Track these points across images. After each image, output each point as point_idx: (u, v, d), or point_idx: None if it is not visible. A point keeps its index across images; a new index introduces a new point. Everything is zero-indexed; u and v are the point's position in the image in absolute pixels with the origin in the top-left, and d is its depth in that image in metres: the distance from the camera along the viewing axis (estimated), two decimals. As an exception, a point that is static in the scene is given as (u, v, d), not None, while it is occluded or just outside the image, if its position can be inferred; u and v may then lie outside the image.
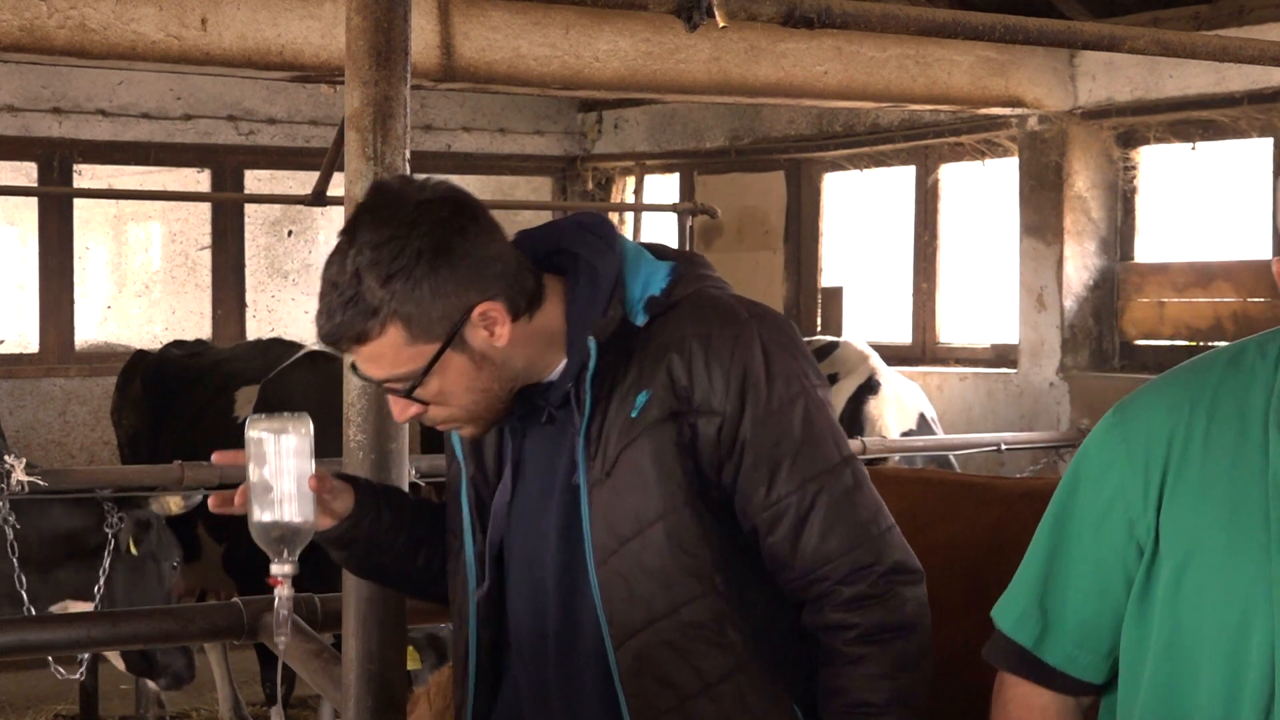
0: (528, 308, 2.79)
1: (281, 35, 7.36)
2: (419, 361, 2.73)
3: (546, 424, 2.87)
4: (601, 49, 8.16)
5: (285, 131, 12.41)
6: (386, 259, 2.66)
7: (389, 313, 2.67)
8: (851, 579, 2.78)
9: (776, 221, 12.38)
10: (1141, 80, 9.40)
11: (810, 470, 2.78)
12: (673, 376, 2.76)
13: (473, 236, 2.72)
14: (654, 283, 2.84)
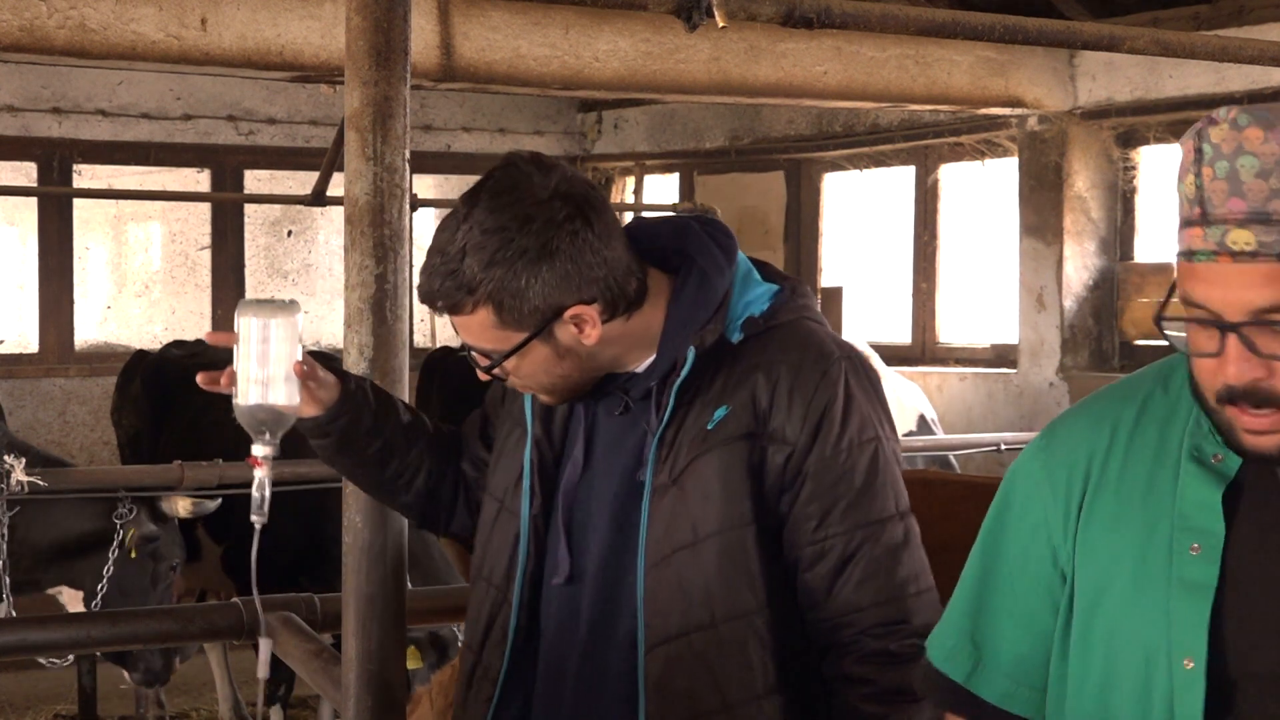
0: (626, 309, 2.82)
1: (281, 35, 7.36)
2: (504, 344, 2.79)
3: (623, 412, 2.90)
4: (601, 49, 8.16)
5: (285, 131, 12.40)
6: (493, 245, 2.71)
7: (484, 295, 2.73)
8: (877, 633, 2.79)
9: (776, 221, 12.38)
10: (1141, 80, 9.40)
11: (863, 517, 2.80)
12: (755, 398, 2.79)
13: (583, 240, 2.74)
14: (756, 304, 2.87)
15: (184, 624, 4.39)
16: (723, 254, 2.88)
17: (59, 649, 5.48)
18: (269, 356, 2.87)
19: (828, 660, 2.83)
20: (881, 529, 2.81)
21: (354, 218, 3.38)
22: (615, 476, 2.88)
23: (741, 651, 2.79)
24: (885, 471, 2.84)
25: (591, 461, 2.92)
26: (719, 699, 2.78)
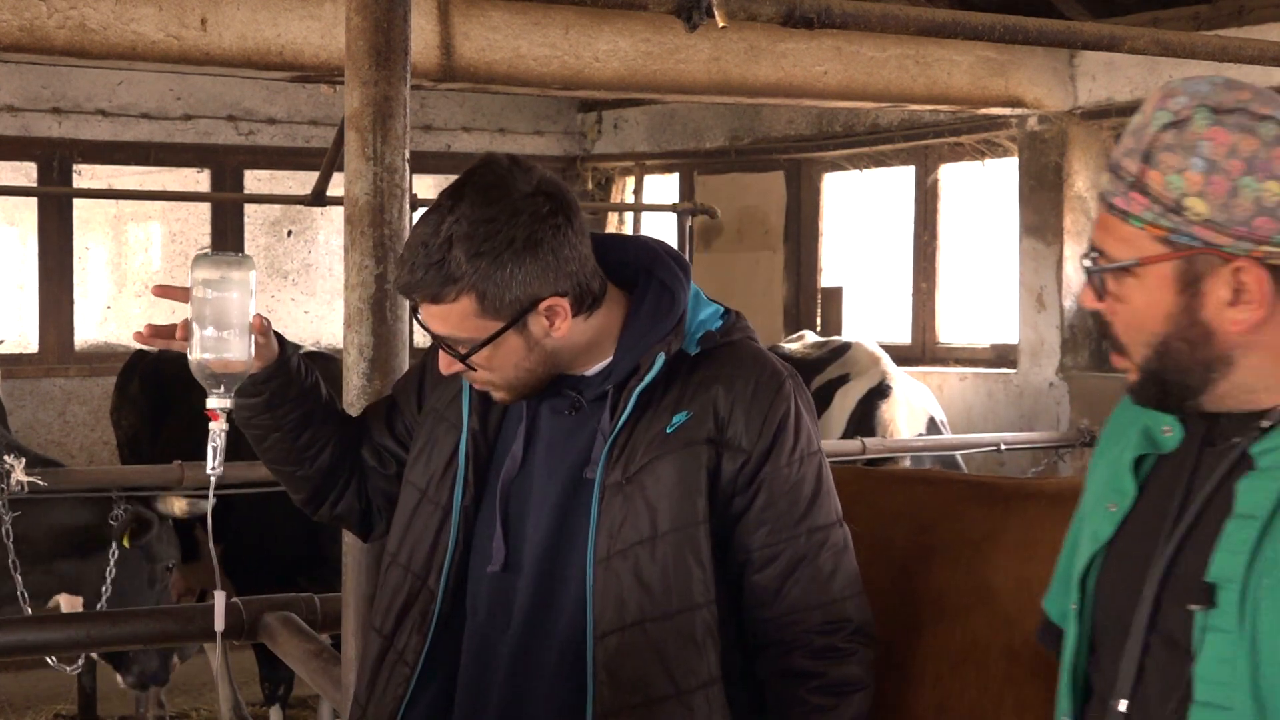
0: (589, 307, 2.95)
1: (281, 35, 7.35)
2: (480, 333, 2.88)
3: (571, 412, 3.02)
4: (601, 49, 8.16)
5: (285, 131, 12.40)
6: (481, 236, 2.81)
7: (468, 285, 2.83)
8: (825, 630, 2.98)
9: (776, 221, 12.38)
10: (1141, 80, 9.39)
11: (814, 523, 3.00)
12: (715, 406, 2.96)
13: (564, 235, 2.87)
14: (710, 322, 3.06)
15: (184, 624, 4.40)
16: (682, 273, 3.07)
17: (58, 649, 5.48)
18: (224, 310, 2.91)
19: (770, 655, 3.02)
20: (827, 535, 3.01)
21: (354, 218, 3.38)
22: (559, 473, 3.00)
23: (692, 641, 2.93)
24: (827, 481, 3.05)
25: (531, 457, 3.04)
26: (671, 685, 2.91)
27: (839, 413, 8.79)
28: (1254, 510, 2.17)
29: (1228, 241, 2.15)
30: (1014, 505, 3.52)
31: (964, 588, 3.42)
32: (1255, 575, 2.15)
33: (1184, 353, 2.23)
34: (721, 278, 12.67)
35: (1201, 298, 2.19)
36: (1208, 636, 2.18)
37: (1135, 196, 2.19)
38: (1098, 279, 2.27)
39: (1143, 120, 2.21)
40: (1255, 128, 2.15)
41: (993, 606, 3.33)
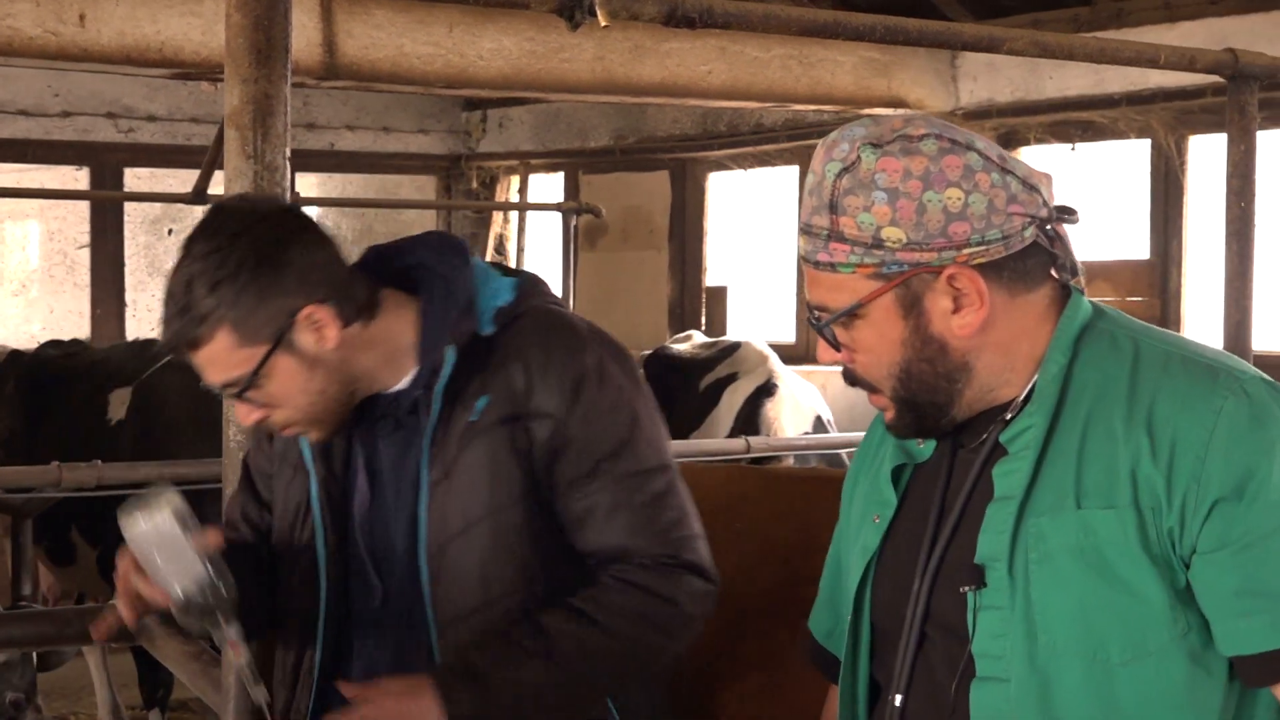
0: (359, 315, 2.90)
1: (161, 32, 7.28)
2: (250, 364, 2.83)
3: (396, 431, 3.00)
4: (485, 48, 8.14)
5: (165, 129, 12.29)
6: (213, 267, 2.77)
7: (217, 318, 2.78)
8: (645, 563, 2.95)
9: (661, 221, 12.40)
10: (1022, 81, 9.49)
11: (625, 469, 2.96)
12: (511, 382, 2.93)
13: (299, 245, 2.84)
14: (501, 295, 3.00)
15: (61, 627, 4.35)
16: (458, 258, 3.02)
17: (-67, 654, 5.40)
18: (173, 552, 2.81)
19: None
20: (645, 479, 2.97)
21: (234, 216, 3.35)
22: (405, 492, 2.99)
23: None
24: (644, 429, 3.01)
25: (379, 488, 3.02)
26: None
27: (726, 411, 8.82)
28: (1011, 491, 2.28)
29: (932, 256, 2.25)
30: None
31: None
32: (1020, 551, 2.26)
33: (926, 372, 2.32)
34: (606, 277, 12.68)
35: (926, 315, 2.29)
36: (981, 615, 2.29)
37: (835, 246, 2.27)
38: (829, 332, 2.35)
39: (816, 178, 2.29)
40: (918, 147, 2.25)
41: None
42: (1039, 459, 2.29)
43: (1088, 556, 2.23)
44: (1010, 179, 2.30)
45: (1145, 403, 2.26)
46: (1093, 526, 2.23)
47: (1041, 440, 2.29)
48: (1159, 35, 8.34)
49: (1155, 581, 2.22)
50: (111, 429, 7.69)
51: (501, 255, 13.73)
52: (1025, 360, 2.34)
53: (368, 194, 13.47)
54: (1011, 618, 2.26)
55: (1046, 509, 2.26)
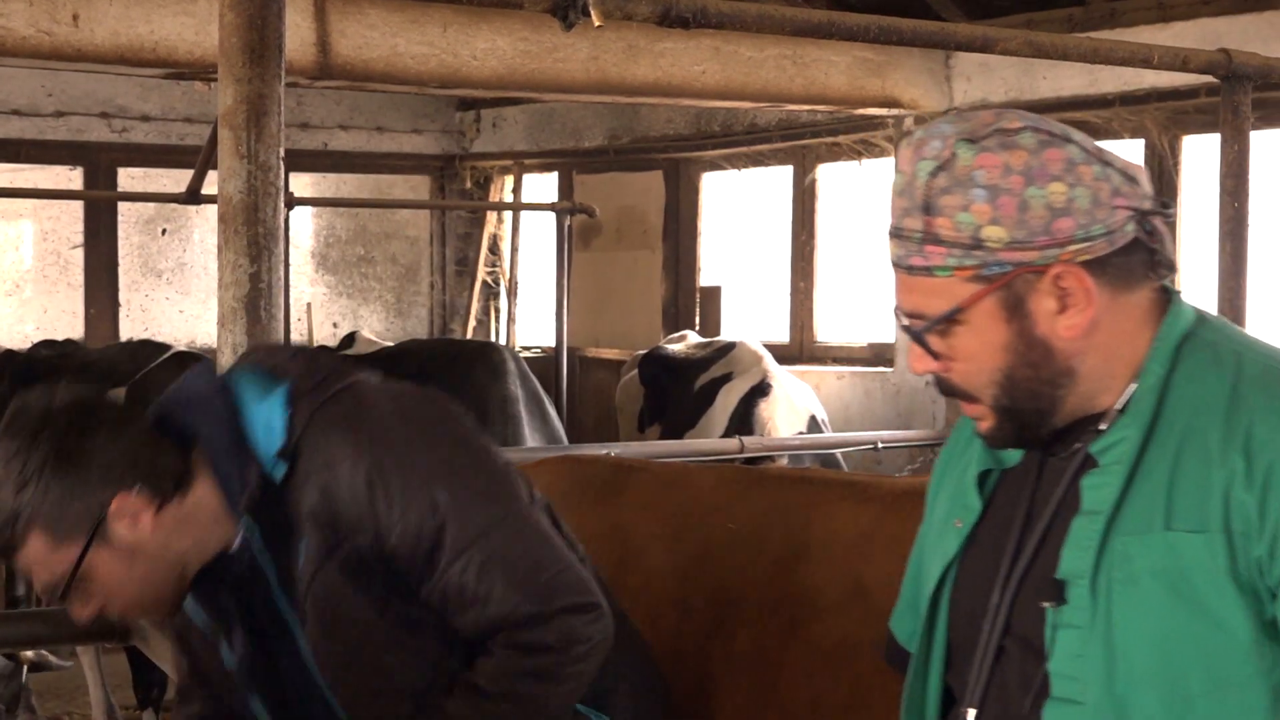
0: (176, 489, 2.83)
1: (155, 31, 7.28)
2: (68, 564, 2.78)
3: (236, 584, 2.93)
4: (479, 48, 8.13)
5: (159, 129, 12.28)
6: (16, 469, 2.73)
7: (26, 520, 2.74)
8: (527, 625, 2.86)
9: (655, 221, 12.40)
10: (1016, 81, 9.49)
11: (457, 547, 2.83)
12: (316, 513, 2.82)
13: (99, 435, 2.78)
14: (275, 427, 2.86)
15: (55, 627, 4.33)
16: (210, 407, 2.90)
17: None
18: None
19: None
20: (480, 546, 2.84)
21: (227, 216, 3.35)
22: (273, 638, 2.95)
23: None
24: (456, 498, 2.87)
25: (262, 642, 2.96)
26: None
27: (721, 411, 8.83)
28: (1098, 506, 2.21)
29: (1035, 255, 2.17)
30: (888, 503, 3.55)
31: (838, 585, 3.45)
32: (1104, 570, 2.18)
33: (1030, 377, 2.24)
34: (601, 277, 12.68)
35: (1031, 317, 2.21)
36: (1059, 633, 2.21)
37: (931, 249, 2.21)
38: (926, 340, 2.27)
39: (905, 178, 2.23)
40: (1016, 141, 2.18)
41: (866, 603, 3.36)
42: (1130, 474, 2.21)
43: (1173, 581, 2.15)
44: (1110, 170, 2.24)
45: (1244, 423, 2.17)
46: (1180, 550, 2.15)
47: (1134, 455, 2.21)
48: (1152, 35, 8.34)
49: (1241, 612, 2.14)
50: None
51: (496, 255, 13.73)
52: (1124, 366, 2.26)
53: (361, 194, 13.46)
54: (1090, 638, 2.19)
55: (1134, 528, 2.18)
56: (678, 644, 3.55)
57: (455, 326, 13.76)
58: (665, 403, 9.55)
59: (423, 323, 13.84)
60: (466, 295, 13.79)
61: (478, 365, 8.49)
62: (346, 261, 13.55)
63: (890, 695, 3.25)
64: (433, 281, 13.90)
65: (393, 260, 13.76)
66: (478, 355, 8.66)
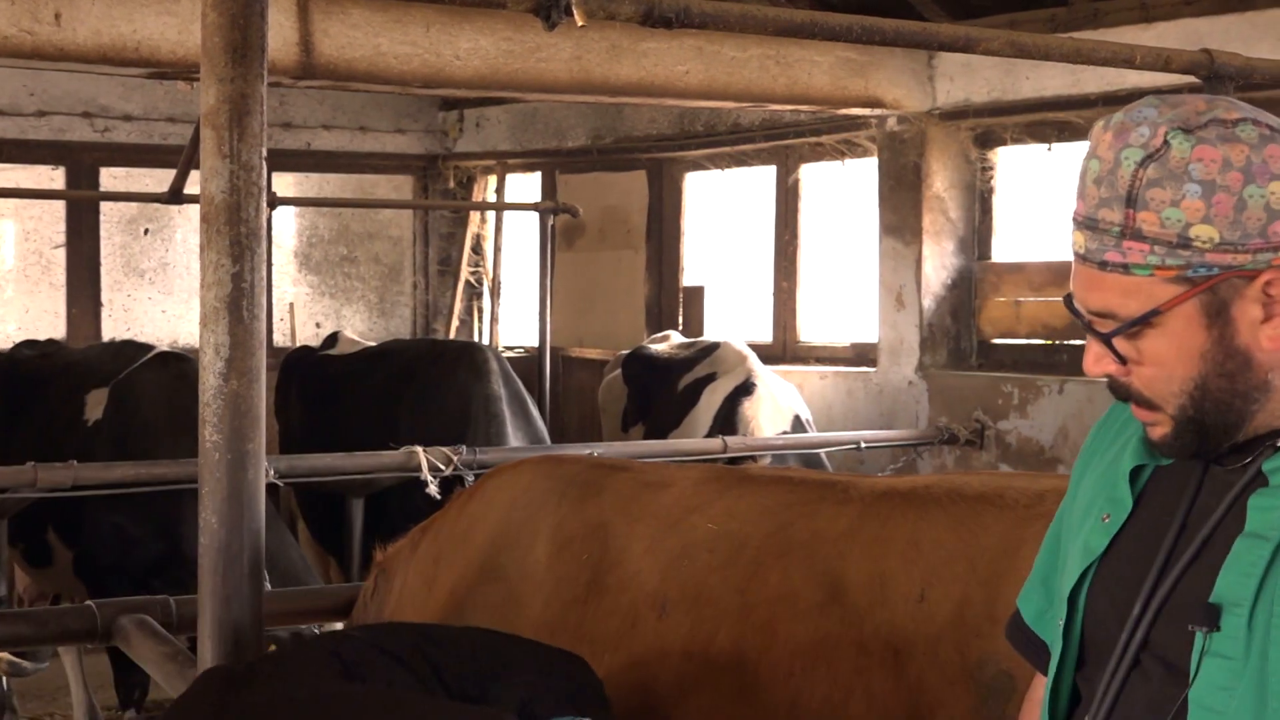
0: None
1: (137, 31, 7.26)
2: None
3: None
4: (463, 47, 8.13)
5: (142, 129, 12.27)
6: None
7: None
8: None
9: (638, 221, 12.40)
10: (998, 82, 9.50)
11: None
12: None
13: None
14: None
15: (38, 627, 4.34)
16: None
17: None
18: None
19: None
20: None
21: (210, 216, 3.35)
22: None
23: None
24: None
25: None
26: None
27: (705, 411, 8.85)
28: (1267, 530, 2.04)
29: (1246, 259, 2.01)
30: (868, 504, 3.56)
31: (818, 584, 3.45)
32: (1265, 600, 2.01)
33: (1224, 389, 2.08)
34: (584, 277, 12.68)
35: (1233, 325, 2.05)
36: (1206, 660, 2.04)
37: (1130, 245, 2.04)
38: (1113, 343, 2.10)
39: (1105, 165, 2.05)
40: (1236, 134, 2.02)
41: (844, 603, 3.36)
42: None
43: None
44: None
45: None
46: None
47: None
48: (1135, 36, 8.36)
49: None
50: (88, 430, 7.68)
51: (479, 255, 13.73)
52: None
53: (344, 194, 13.45)
54: (1243, 673, 2.00)
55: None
56: (658, 643, 3.56)
57: (438, 326, 13.76)
58: (649, 402, 9.56)
59: (406, 322, 13.84)
60: (449, 295, 13.79)
61: (461, 365, 8.49)
62: (329, 261, 13.54)
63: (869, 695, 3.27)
64: (416, 281, 13.89)
65: (376, 260, 13.75)
66: (461, 355, 8.66)
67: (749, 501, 3.76)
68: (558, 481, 4.08)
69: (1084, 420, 8.81)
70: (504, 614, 3.88)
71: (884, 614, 3.32)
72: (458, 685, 3.13)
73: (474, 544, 4.11)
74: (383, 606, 4.35)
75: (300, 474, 6.94)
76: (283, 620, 4.84)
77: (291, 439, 9.29)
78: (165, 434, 7.12)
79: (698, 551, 3.70)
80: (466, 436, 7.85)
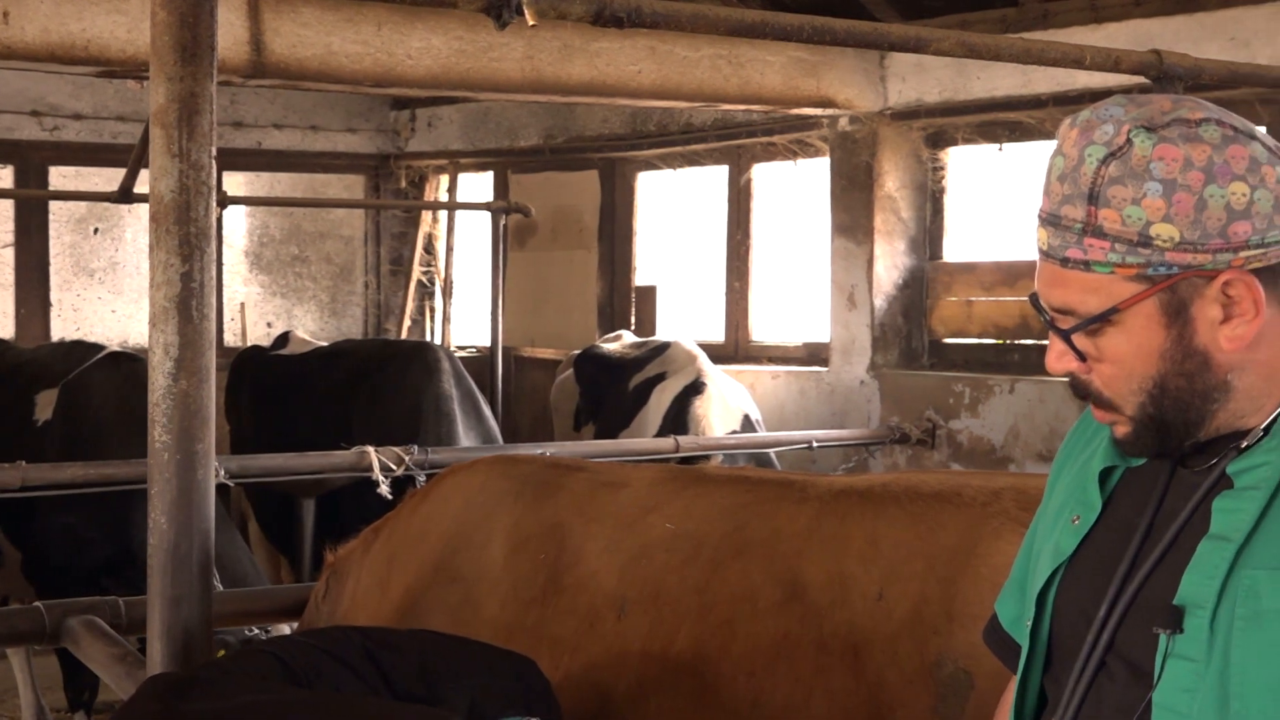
0: None
1: (87, 30, 7.22)
2: None
3: None
4: (414, 46, 8.11)
5: (91, 127, 12.20)
6: None
7: None
8: None
9: (590, 220, 12.39)
10: (950, 82, 9.53)
11: None
12: None
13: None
14: None
15: (-14, 628, 4.31)
16: None
17: None
18: None
19: None
20: None
21: (159, 215, 3.33)
22: None
23: None
24: None
25: None
26: None
27: (655, 410, 8.85)
28: (1229, 532, 2.05)
29: (1206, 259, 2.03)
30: (826, 503, 3.56)
31: (777, 584, 3.45)
32: (1228, 603, 2.03)
33: (1183, 388, 2.10)
34: (536, 276, 12.67)
35: (1192, 324, 2.07)
36: (1170, 663, 2.06)
37: (1091, 242, 2.05)
38: (1072, 340, 2.12)
39: (1070, 162, 2.07)
40: (1199, 134, 2.03)
41: (804, 601, 3.37)
42: (1268, 502, 2.04)
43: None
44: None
45: None
46: None
47: (1275, 482, 2.05)
48: (1085, 36, 8.39)
49: None
50: (38, 430, 7.63)
51: (430, 254, 13.70)
52: None
53: (295, 193, 13.40)
54: (1205, 674, 2.02)
55: (1266, 562, 2.01)
56: (617, 643, 3.55)
57: (390, 326, 13.73)
58: (601, 402, 9.56)
59: (357, 322, 13.80)
60: (401, 295, 13.76)
61: (413, 365, 8.47)
62: (280, 261, 13.50)
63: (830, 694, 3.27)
64: (367, 281, 13.85)
65: (327, 260, 13.71)
66: (413, 355, 8.64)
67: (706, 501, 3.76)
68: (513, 481, 4.07)
69: (1035, 420, 8.85)
70: (460, 615, 3.87)
71: (843, 613, 3.32)
72: (405, 688, 3.13)
73: (429, 544, 4.10)
74: (335, 608, 4.33)
75: (251, 474, 6.91)
76: (233, 621, 4.82)
77: (243, 439, 9.26)
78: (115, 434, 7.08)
79: (656, 551, 3.70)
80: (419, 436, 7.84)
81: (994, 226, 9.82)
